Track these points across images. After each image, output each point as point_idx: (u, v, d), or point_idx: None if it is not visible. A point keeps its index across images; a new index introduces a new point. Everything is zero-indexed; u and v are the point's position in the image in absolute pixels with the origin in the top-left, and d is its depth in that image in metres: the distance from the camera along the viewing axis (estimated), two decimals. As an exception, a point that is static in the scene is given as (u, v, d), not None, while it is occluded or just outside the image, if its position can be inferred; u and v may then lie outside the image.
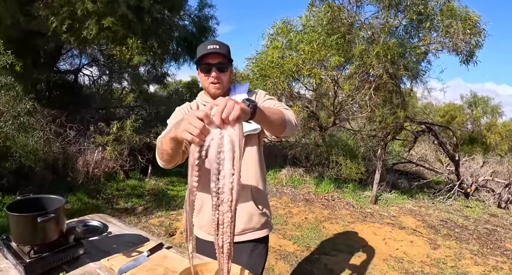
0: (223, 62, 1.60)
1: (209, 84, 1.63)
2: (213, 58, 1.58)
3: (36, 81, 6.36)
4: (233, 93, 1.73)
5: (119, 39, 6.02)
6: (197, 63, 1.65)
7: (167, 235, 4.20)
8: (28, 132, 5.08)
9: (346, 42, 4.48)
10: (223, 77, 1.62)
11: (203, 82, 1.67)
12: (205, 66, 1.60)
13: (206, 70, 1.61)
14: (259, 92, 1.78)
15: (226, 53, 1.61)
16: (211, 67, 1.59)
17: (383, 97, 4.68)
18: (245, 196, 1.64)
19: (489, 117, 15.32)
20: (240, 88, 1.77)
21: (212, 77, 1.60)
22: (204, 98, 1.76)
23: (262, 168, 1.73)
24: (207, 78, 1.62)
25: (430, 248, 4.60)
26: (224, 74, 1.62)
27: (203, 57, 1.59)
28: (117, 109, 8.40)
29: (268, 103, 1.65)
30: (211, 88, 1.64)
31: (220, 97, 0.95)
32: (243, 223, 1.65)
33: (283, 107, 1.57)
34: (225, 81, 1.64)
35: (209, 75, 1.61)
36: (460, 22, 4.17)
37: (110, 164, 6.04)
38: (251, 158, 1.66)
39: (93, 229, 1.90)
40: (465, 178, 7.62)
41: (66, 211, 4.64)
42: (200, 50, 1.61)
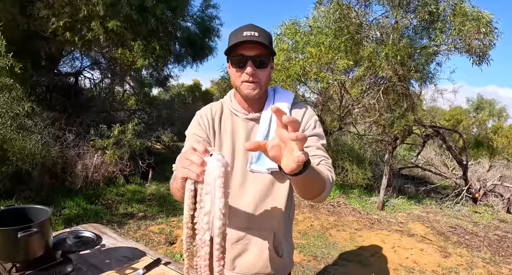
0: (262, 55, 1.24)
1: (242, 82, 1.28)
2: (249, 48, 1.23)
3: (36, 84, 6.24)
4: (271, 100, 1.38)
5: (122, 41, 5.92)
6: (227, 53, 1.30)
7: (167, 243, 4.04)
8: (26, 135, 4.94)
9: (355, 44, 4.32)
10: (261, 74, 1.27)
11: (234, 79, 1.31)
12: (238, 59, 1.25)
13: (239, 64, 1.26)
14: (309, 114, 1.37)
15: (267, 43, 1.24)
16: (246, 60, 1.24)
17: (392, 100, 4.51)
18: (265, 236, 1.33)
19: (495, 120, 15.14)
20: (283, 96, 1.40)
21: (247, 74, 1.24)
22: (234, 105, 1.38)
23: (291, 206, 1.42)
24: (240, 75, 1.27)
25: (441, 256, 4.45)
26: (262, 71, 1.27)
27: (237, 47, 1.24)
28: (119, 112, 8.27)
29: (310, 143, 1.28)
30: (244, 88, 1.28)
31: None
32: (258, 267, 1.36)
33: (328, 165, 1.22)
34: (263, 80, 1.29)
35: (242, 71, 1.26)
36: (474, 21, 4.01)
37: (110, 168, 5.90)
38: (278, 195, 1.33)
39: (85, 241, 1.75)
40: (472, 182, 7.46)
41: (63, 217, 4.51)
42: (233, 37, 1.26)
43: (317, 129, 1.34)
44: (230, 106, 1.39)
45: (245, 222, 1.32)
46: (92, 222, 4.43)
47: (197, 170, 0.80)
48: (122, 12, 4.76)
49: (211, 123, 1.36)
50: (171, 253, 3.75)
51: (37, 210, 1.47)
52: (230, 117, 1.37)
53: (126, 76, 8.60)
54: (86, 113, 6.70)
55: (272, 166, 1.25)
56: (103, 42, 5.08)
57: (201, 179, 0.80)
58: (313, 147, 1.27)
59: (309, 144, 1.27)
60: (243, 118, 1.35)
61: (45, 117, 5.57)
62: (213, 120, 1.37)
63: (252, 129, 1.34)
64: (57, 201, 4.99)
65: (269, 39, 1.28)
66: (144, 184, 6.54)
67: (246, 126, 1.34)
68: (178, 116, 8.56)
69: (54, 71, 7.13)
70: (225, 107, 1.41)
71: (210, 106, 1.44)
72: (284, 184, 1.33)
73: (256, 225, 1.32)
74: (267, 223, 1.33)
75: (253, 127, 1.34)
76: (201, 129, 1.35)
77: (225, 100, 1.44)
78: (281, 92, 1.42)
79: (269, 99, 1.37)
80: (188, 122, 1.47)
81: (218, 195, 0.76)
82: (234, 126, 1.35)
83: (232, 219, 1.28)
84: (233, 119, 1.36)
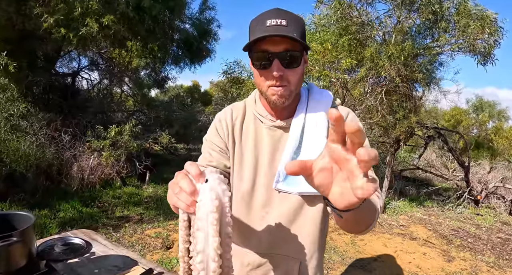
0: (292, 50, 0.96)
1: (268, 87, 1.01)
2: (275, 42, 0.95)
3: (32, 84, 6.15)
4: (304, 103, 1.11)
5: (119, 40, 5.83)
6: (248, 49, 1.01)
7: (164, 248, 3.93)
8: (21, 137, 4.85)
9: (358, 43, 4.23)
10: (290, 76, 0.98)
11: (258, 82, 1.03)
12: (261, 56, 0.97)
13: (262, 64, 0.98)
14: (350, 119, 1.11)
15: (298, 35, 0.95)
16: (272, 58, 0.96)
17: (395, 102, 4.42)
18: (289, 265, 1.11)
19: (495, 122, 15.07)
20: (319, 98, 1.13)
21: (273, 77, 0.97)
22: (258, 109, 1.14)
23: (323, 231, 1.15)
24: (265, 77, 1.00)
25: (444, 260, 4.36)
26: (292, 72, 0.98)
27: (259, 42, 0.96)
28: (116, 113, 8.17)
29: None
30: (270, 94, 1.01)
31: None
32: None
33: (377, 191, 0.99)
34: (294, 82, 1.00)
35: (267, 73, 0.98)
36: (478, 21, 3.92)
37: (106, 170, 5.79)
38: (308, 218, 1.09)
39: (74, 248, 1.65)
40: (474, 184, 7.38)
41: (58, 220, 4.40)
42: (255, 27, 0.98)
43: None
44: (254, 110, 1.14)
45: (268, 247, 1.11)
46: (87, 225, 4.34)
47: (187, 200, 0.67)
48: (119, 9, 4.67)
49: (230, 129, 1.13)
50: (168, 258, 3.64)
51: (20, 216, 1.36)
52: (254, 123, 1.14)
53: (124, 77, 8.51)
54: (83, 114, 6.60)
55: (306, 190, 1.02)
56: (98, 39, 4.98)
57: (192, 210, 0.67)
58: None
59: None
60: (269, 125, 1.11)
61: (41, 118, 5.47)
62: (233, 126, 1.14)
63: (279, 140, 1.10)
64: (52, 204, 4.89)
65: (301, 28, 0.99)
66: (141, 186, 6.44)
67: (273, 135, 1.10)
68: (177, 118, 8.46)
69: (51, 72, 7.03)
70: (248, 110, 1.16)
71: (231, 108, 1.18)
72: (317, 206, 1.09)
73: (280, 251, 1.11)
74: (293, 250, 1.11)
75: (280, 137, 1.10)
76: (218, 137, 1.14)
77: (248, 102, 1.18)
78: (317, 93, 1.15)
79: (301, 103, 1.11)
80: (187, 124, 1.31)
81: (211, 233, 0.64)
82: (257, 135, 1.12)
83: (252, 241, 1.12)
84: (256, 125, 1.14)
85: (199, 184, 0.67)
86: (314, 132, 1.07)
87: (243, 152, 1.12)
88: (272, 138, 1.10)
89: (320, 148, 1.03)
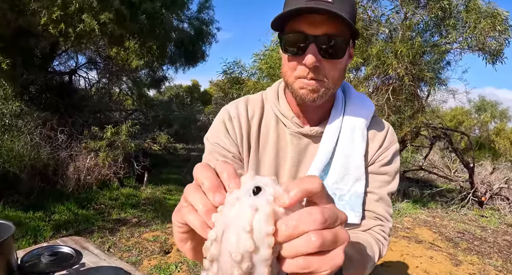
0: (335, 35, 0.74)
1: (297, 78, 0.79)
2: (314, 23, 0.74)
3: (27, 82, 6.01)
4: (340, 108, 0.90)
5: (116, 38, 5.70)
6: (278, 27, 0.80)
7: (162, 252, 3.78)
8: (15, 136, 4.70)
9: (364, 42, 4.09)
10: (328, 68, 0.77)
11: (285, 71, 0.81)
12: (293, 38, 0.76)
13: (293, 49, 0.77)
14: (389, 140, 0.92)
15: (347, 16, 0.72)
16: (307, 43, 0.74)
17: (403, 101, 4.28)
18: None
19: (497, 122, 14.98)
20: (358, 105, 0.92)
21: (306, 65, 0.75)
22: (282, 107, 0.91)
23: None
24: (295, 66, 0.78)
25: (452, 264, 4.24)
26: (332, 63, 0.77)
27: (292, 19, 0.76)
28: (114, 112, 8.03)
29: (373, 187, 0.89)
30: (298, 87, 0.80)
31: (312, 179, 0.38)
32: None
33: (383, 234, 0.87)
34: (333, 79, 0.79)
35: (299, 60, 0.77)
36: (488, 18, 3.78)
37: (103, 171, 5.64)
38: None
39: (63, 259, 1.50)
40: (477, 185, 7.28)
41: (52, 223, 4.26)
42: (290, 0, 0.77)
43: (392, 166, 0.90)
44: (276, 109, 0.91)
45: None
46: (83, 229, 4.20)
47: (200, 223, 0.40)
48: (114, 6, 4.54)
49: (245, 131, 0.89)
50: (166, 264, 3.49)
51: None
52: (276, 126, 0.91)
53: (122, 75, 8.37)
54: (80, 113, 6.45)
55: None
56: (96, 36, 4.85)
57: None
58: (374, 196, 0.87)
59: (372, 188, 0.88)
60: (294, 131, 0.89)
61: (36, 117, 5.33)
62: (249, 128, 0.90)
63: (305, 151, 0.90)
64: (47, 206, 4.75)
65: (350, 8, 0.76)
66: (139, 187, 6.30)
67: (297, 144, 0.89)
68: (176, 117, 8.33)
69: (47, 70, 6.89)
70: (267, 107, 0.93)
71: (245, 103, 0.93)
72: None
73: None
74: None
75: (307, 148, 0.90)
76: (229, 139, 0.89)
77: (268, 96, 0.94)
78: (357, 97, 0.94)
79: (337, 107, 0.90)
80: (187, 123, 1.05)
81: None
82: (280, 141, 0.91)
83: None
84: (279, 129, 0.91)
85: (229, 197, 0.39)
86: (349, 151, 0.87)
87: (261, 161, 0.90)
88: (297, 147, 0.89)
89: (355, 172, 0.86)
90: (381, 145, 0.90)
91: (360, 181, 0.86)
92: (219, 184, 0.40)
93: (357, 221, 0.86)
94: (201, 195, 0.40)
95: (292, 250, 0.36)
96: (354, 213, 0.85)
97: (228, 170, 0.41)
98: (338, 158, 0.87)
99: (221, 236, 0.37)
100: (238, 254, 0.35)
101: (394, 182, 0.91)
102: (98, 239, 3.97)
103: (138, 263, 3.52)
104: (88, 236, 3.97)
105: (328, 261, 0.37)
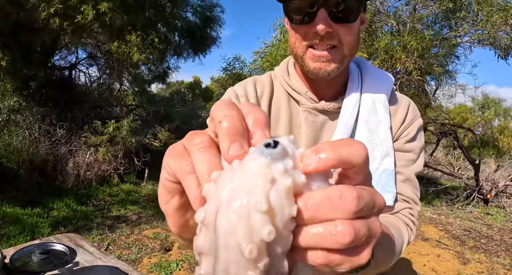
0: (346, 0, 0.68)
1: (307, 49, 0.73)
2: None
3: (27, 77, 5.93)
4: (356, 81, 0.83)
5: (117, 31, 5.60)
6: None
7: (163, 250, 3.69)
8: (13, 131, 4.61)
9: (369, 35, 3.97)
10: (343, 33, 0.70)
11: (293, 43, 0.75)
12: (299, 6, 0.70)
13: (302, 15, 0.70)
14: (412, 115, 0.84)
15: None
16: (316, 7, 0.68)
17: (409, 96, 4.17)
18: None
19: (501, 120, 14.87)
20: (376, 78, 0.85)
21: (317, 32, 0.69)
22: (294, 82, 0.83)
23: None
24: (305, 35, 0.72)
25: (459, 263, 4.17)
26: (346, 29, 0.71)
27: None
28: (114, 108, 7.94)
29: (399, 167, 0.81)
30: (310, 59, 0.73)
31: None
32: None
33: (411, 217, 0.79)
34: (348, 43, 0.72)
35: (309, 28, 0.70)
36: (501, 12, 3.65)
37: (103, 167, 5.54)
38: None
39: (55, 257, 1.41)
40: (483, 183, 7.19)
41: (51, 219, 4.17)
42: None
43: (417, 142, 0.82)
44: (287, 85, 0.83)
45: None
46: (81, 225, 4.11)
47: (196, 193, 0.28)
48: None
49: None
50: (166, 262, 3.39)
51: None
52: (288, 103, 0.84)
53: (123, 71, 8.27)
54: (80, 108, 6.36)
55: None
56: (96, 28, 4.74)
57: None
58: (401, 176, 0.79)
59: (398, 168, 0.80)
60: (308, 107, 0.81)
61: (35, 112, 5.24)
62: (259, 105, 0.80)
63: (322, 128, 0.82)
64: (46, 202, 4.66)
65: None
66: (139, 183, 6.21)
67: (313, 121, 0.82)
68: (178, 113, 8.24)
69: (47, 65, 6.80)
70: (276, 84, 0.86)
71: (253, 82, 0.84)
72: None
73: None
74: None
75: (323, 125, 0.82)
76: None
77: (277, 73, 0.86)
78: (373, 69, 0.86)
79: (353, 80, 0.82)
80: (188, 119, 0.94)
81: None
82: (293, 119, 0.83)
83: None
84: (291, 107, 0.84)
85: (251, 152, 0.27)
86: (373, 124, 0.79)
87: None
88: (313, 125, 0.82)
89: (383, 147, 0.77)
90: (404, 120, 0.83)
91: (389, 157, 0.78)
92: (243, 130, 0.27)
93: (391, 203, 0.77)
94: (207, 145, 0.28)
95: (311, 241, 0.26)
96: (388, 194, 0.76)
97: (257, 114, 0.29)
98: (362, 133, 0.80)
99: (214, 219, 0.24)
100: (254, 247, 0.22)
101: (419, 161, 0.83)
102: (97, 236, 3.88)
103: (138, 260, 3.43)
104: (87, 233, 3.88)
105: (351, 259, 0.27)
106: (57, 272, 1.27)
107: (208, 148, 0.28)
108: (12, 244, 3.26)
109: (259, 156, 0.25)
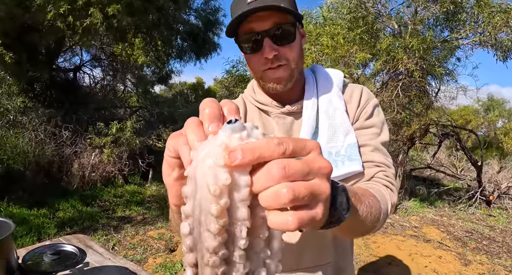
0: (284, 24, 0.83)
1: (263, 71, 0.87)
2: (261, 18, 0.81)
3: (32, 79, 5.99)
4: (312, 83, 0.97)
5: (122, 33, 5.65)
6: (233, 33, 0.88)
7: (167, 250, 3.74)
8: (19, 133, 4.67)
9: (370, 37, 4.00)
10: (287, 52, 0.85)
11: (252, 69, 0.91)
12: (248, 38, 0.85)
13: (251, 47, 0.85)
14: (366, 97, 0.97)
15: (286, 4, 0.81)
16: (261, 38, 0.83)
17: (413, 97, 4.19)
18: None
19: (504, 122, 14.82)
20: (328, 77, 0.99)
21: (267, 58, 0.83)
22: (260, 97, 0.99)
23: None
24: (258, 61, 0.86)
25: (461, 264, 4.17)
26: (288, 48, 0.85)
27: (243, 22, 0.84)
28: (119, 109, 8.00)
29: (365, 140, 0.93)
30: (267, 80, 0.89)
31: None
32: None
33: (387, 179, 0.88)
34: (294, 59, 0.87)
35: (259, 55, 0.84)
36: (502, 14, 3.68)
37: (108, 168, 5.61)
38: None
39: (66, 258, 1.45)
40: (485, 184, 7.18)
41: (56, 220, 4.23)
42: (236, 7, 0.85)
43: (374, 118, 0.94)
44: (255, 101, 0.98)
45: (291, 263, 0.95)
46: (87, 226, 4.17)
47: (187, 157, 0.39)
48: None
49: None
50: (171, 262, 3.45)
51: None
52: (260, 116, 0.98)
53: (127, 73, 8.34)
54: (84, 110, 6.43)
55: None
56: (103, 31, 4.79)
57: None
58: (368, 148, 0.90)
59: (364, 141, 0.91)
60: (276, 114, 0.95)
61: (41, 113, 5.30)
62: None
63: (291, 128, 0.95)
64: (51, 203, 4.72)
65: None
66: (144, 184, 6.26)
67: (283, 123, 0.95)
68: (181, 114, 8.29)
69: (52, 67, 6.87)
70: (248, 103, 1.00)
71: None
72: None
73: (305, 264, 0.95)
74: (318, 259, 0.96)
75: (292, 125, 0.95)
76: None
77: (246, 94, 1.02)
78: (324, 71, 1.00)
79: (309, 84, 0.96)
80: None
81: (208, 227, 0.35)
82: (266, 128, 0.96)
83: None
84: (263, 119, 0.98)
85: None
86: (330, 112, 0.93)
87: None
88: (283, 127, 0.96)
89: (343, 127, 0.91)
90: (359, 103, 0.96)
91: (350, 134, 0.91)
92: (219, 115, 0.39)
93: (359, 168, 0.88)
94: (197, 124, 0.39)
95: (265, 204, 0.34)
96: (353, 162, 0.89)
97: (231, 106, 0.41)
98: (323, 121, 0.92)
99: (194, 172, 0.36)
100: (217, 187, 0.33)
101: (384, 132, 0.95)
102: (103, 236, 3.94)
103: (143, 261, 3.48)
104: (93, 234, 3.93)
105: (301, 217, 0.34)
106: (68, 272, 1.32)
107: (198, 126, 0.39)
108: (19, 244, 3.32)
109: (224, 129, 0.36)
